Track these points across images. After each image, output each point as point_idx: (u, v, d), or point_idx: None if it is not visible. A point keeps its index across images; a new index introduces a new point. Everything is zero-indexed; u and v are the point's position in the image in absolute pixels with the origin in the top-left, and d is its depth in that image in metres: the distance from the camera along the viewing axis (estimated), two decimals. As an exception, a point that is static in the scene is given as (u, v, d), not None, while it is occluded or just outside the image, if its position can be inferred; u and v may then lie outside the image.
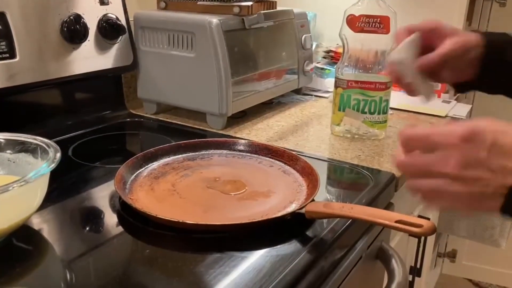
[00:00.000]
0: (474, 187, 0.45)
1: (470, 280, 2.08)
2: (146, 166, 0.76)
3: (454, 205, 0.47)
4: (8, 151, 0.65)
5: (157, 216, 0.60)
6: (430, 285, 1.77)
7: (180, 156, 0.81)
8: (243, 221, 0.60)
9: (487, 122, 0.45)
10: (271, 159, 0.80)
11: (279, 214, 0.62)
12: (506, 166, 0.44)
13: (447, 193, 0.46)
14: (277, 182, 0.74)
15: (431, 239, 1.41)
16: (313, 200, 0.66)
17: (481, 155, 0.44)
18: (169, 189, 0.71)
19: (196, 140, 0.85)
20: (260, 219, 0.61)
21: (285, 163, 0.79)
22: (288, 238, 0.60)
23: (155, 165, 0.77)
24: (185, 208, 0.66)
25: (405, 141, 0.48)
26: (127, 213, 0.65)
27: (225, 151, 0.83)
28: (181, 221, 0.59)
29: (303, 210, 0.62)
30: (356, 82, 0.97)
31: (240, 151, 0.84)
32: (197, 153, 0.82)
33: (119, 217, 0.65)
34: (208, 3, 1.03)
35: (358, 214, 0.58)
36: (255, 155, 0.82)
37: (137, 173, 0.74)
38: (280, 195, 0.70)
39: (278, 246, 0.59)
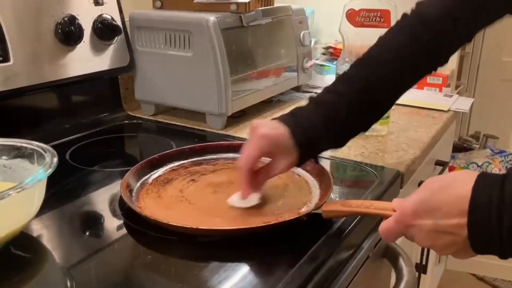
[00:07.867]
0: (449, 250, 0.50)
1: (474, 275, 2.07)
2: (152, 173, 0.74)
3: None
4: (4, 157, 0.64)
5: (169, 223, 0.57)
6: (435, 281, 1.76)
7: (185, 161, 0.79)
8: (259, 224, 0.58)
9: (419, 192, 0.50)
10: None
11: (294, 216, 0.60)
12: (453, 224, 0.47)
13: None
14: (288, 183, 0.72)
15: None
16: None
17: (429, 224, 0.49)
18: (177, 195, 0.69)
19: (201, 144, 0.83)
20: (275, 221, 0.59)
21: None
22: (294, 239, 0.59)
23: (160, 171, 0.75)
24: (196, 214, 0.64)
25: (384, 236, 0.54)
26: (129, 219, 0.63)
27: (231, 155, 0.81)
28: (194, 227, 0.57)
29: (319, 210, 0.60)
30: (357, 78, 0.95)
31: None
32: (202, 157, 0.80)
33: (120, 222, 0.64)
34: (205, 1, 1.01)
35: (378, 210, 0.56)
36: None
37: (142, 180, 0.72)
38: (292, 196, 0.68)
39: (285, 248, 0.58)
